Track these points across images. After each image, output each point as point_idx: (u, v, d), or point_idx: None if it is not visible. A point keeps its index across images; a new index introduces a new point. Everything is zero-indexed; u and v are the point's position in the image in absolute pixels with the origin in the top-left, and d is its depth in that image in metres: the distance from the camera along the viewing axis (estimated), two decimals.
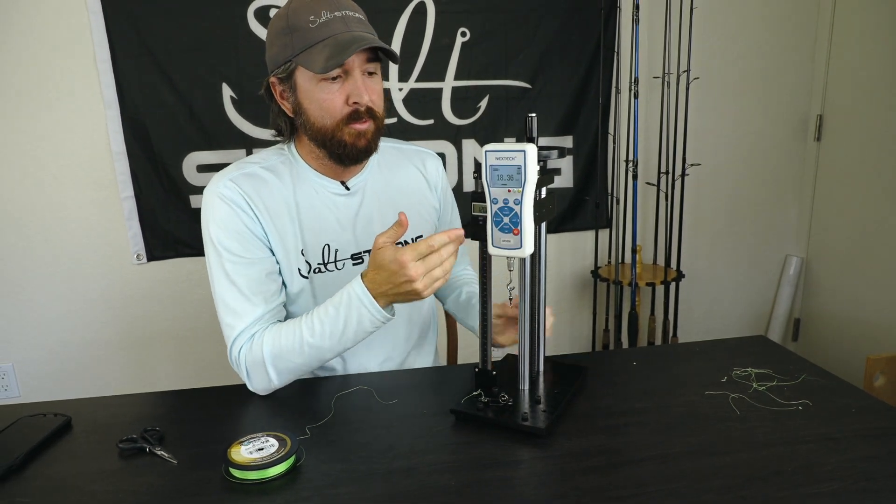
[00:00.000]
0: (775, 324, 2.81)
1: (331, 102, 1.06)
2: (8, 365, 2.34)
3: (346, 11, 1.04)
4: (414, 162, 1.29)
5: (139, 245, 2.30)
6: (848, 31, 2.45)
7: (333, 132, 1.08)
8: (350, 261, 1.18)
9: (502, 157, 0.87)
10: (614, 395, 1.05)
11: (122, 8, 2.08)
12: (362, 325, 1.00)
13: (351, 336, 1.02)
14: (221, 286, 1.10)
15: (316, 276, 1.16)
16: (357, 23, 1.05)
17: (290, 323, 1.07)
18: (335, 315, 1.01)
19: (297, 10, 1.03)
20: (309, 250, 1.15)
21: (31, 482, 0.86)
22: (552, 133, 2.47)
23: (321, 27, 1.02)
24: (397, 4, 2.25)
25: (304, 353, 1.04)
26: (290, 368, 1.06)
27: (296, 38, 1.03)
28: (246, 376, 1.08)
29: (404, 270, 0.92)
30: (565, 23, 2.38)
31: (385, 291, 0.97)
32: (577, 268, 2.67)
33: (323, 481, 0.83)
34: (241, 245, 1.10)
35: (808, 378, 1.08)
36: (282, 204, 1.13)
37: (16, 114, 2.13)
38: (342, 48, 1.00)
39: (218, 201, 1.10)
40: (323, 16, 1.02)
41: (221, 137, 2.25)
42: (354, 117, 1.08)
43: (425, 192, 1.29)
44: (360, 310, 0.99)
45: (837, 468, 0.82)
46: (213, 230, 1.10)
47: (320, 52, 1.01)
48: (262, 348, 1.05)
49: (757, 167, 2.68)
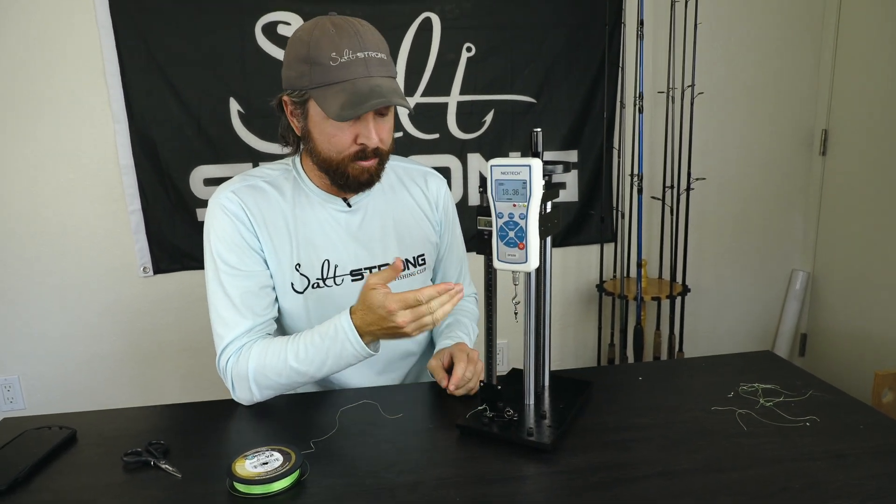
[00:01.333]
0: (782, 339, 2.80)
1: (339, 139, 1.07)
2: (14, 377, 2.35)
3: (369, 52, 1.03)
4: (416, 181, 1.30)
5: (146, 258, 2.31)
6: (853, 46, 2.46)
7: (339, 165, 1.09)
8: (349, 277, 1.19)
9: (508, 172, 0.87)
10: (620, 411, 1.05)
11: (131, 23, 2.11)
12: (345, 357, 1.02)
13: (331, 366, 1.04)
14: (215, 296, 1.11)
15: (313, 292, 1.17)
16: (378, 65, 1.04)
17: (277, 342, 1.08)
18: (320, 344, 1.02)
19: (319, 42, 1.01)
20: (306, 266, 1.16)
21: (35, 495, 0.86)
22: (557, 147, 2.48)
23: (341, 67, 1.01)
24: (403, 20, 2.27)
25: (286, 375, 1.06)
26: (270, 385, 1.08)
27: (315, 72, 1.02)
28: (231, 387, 1.10)
29: (392, 317, 0.93)
30: (570, 38, 2.39)
31: (372, 331, 0.98)
32: (582, 282, 2.66)
33: (327, 496, 0.83)
34: (238, 257, 1.11)
35: (816, 394, 1.08)
36: (280, 218, 1.14)
37: (26, 126, 2.15)
38: (358, 100, 1.00)
39: (219, 212, 1.11)
40: (345, 55, 1.01)
41: (228, 151, 2.27)
42: (361, 156, 1.08)
43: (427, 210, 1.29)
44: (344, 343, 1.00)
45: (846, 486, 0.81)
46: (212, 241, 1.11)
47: (336, 97, 1.01)
48: (247, 363, 1.07)
49: (762, 182, 2.68)
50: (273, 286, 1.16)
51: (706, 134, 2.52)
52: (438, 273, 1.37)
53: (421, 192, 1.29)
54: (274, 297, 1.16)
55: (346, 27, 1.02)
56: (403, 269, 1.21)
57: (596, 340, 2.65)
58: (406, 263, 1.23)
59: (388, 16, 2.25)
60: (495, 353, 1.01)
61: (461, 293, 0.95)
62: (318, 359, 1.03)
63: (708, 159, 2.56)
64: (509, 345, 2.63)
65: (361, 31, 1.03)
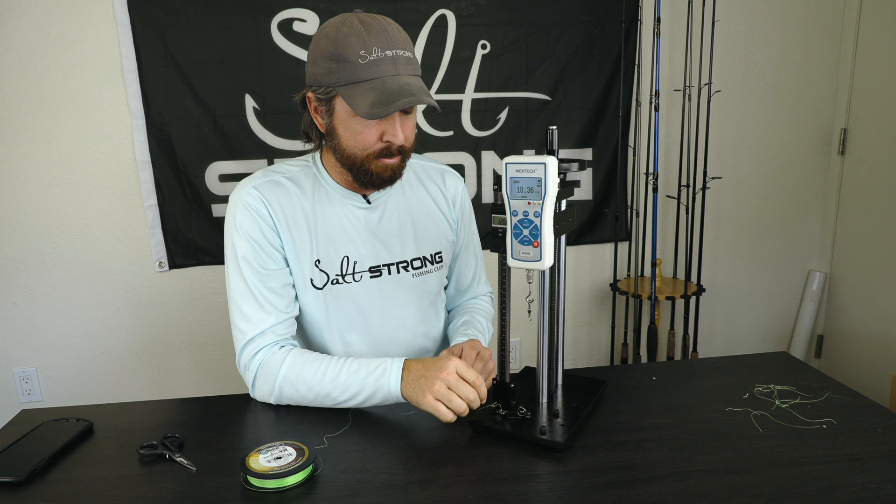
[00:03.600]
0: (798, 340, 2.77)
1: (365, 136, 1.07)
2: (31, 369, 2.38)
3: (397, 51, 1.03)
4: (434, 178, 1.30)
5: (161, 253, 2.33)
6: (873, 44, 2.42)
7: (363, 162, 1.09)
8: (368, 273, 1.19)
9: (523, 170, 0.87)
10: (633, 411, 1.04)
11: (149, 20, 2.13)
12: (375, 397, 1.02)
13: (362, 399, 1.03)
14: (237, 292, 1.12)
15: (332, 288, 1.17)
16: (406, 64, 1.04)
17: (317, 357, 1.07)
18: (364, 378, 1.02)
19: (347, 39, 1.01)
20: (325, 262, 1.16)
21: (53, 486, 0.87)
22: (572, 145, 2.47)
23: (370, 65, 1.01)
24: (419, 17, 2.27)
25: (315, 391, 1.05)
26: (294, 396, 1.07)
27: (343, 69, 1.02)
28: (252, 382, 1.10)
29: (444, 365, 0.96)
30: (586, 36, 2.38)
31: (414, 378, 0.99)
32: (596, 281, 2.65)
33: (340, 491, 0.83)
34: (260, 254, 1.11)
35: (833, 396, 1.06)
36: (300, 214, 1.15)
37: (44, 123, 2.18)
38: (388, 98, 1.00)
39: (241, 208, 1.12)
40: (374, 53, 1.00)
41: (244, 147, 2.28)
42: (385, 153, 1.08)
43: (444, 208, 1.29)
44: (381, 379, 1.01)
45: (863, 490, 0.80)
46: (234, 237, 1.12)
47: (365, 94, 1.01)
48: (280, 366, 1.06)
49: (779, 181, 2.65)
50: (293, 283, 1.16)
51: (723, 132, 2.50)
52: (454, 271, 1.37)
53: (439, 190, 1.29)
54: (295, 295, 1.16)
55: (374, 25, 1.02)
56: (420, 266, 1.23)
57: (609, 339, 2.64)
58: (423, 261, 1.23)
59: (403, 13, 2.25)
60: (508, 351, 1.01)
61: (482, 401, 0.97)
62: (352, 388, 1.03)
63: (724, 158, 2.53)
64: (522, 343, 2.63)
65: (389, 30, 1.03)
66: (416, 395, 0.97)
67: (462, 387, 0.95)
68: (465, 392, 0.95)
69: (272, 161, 2.30)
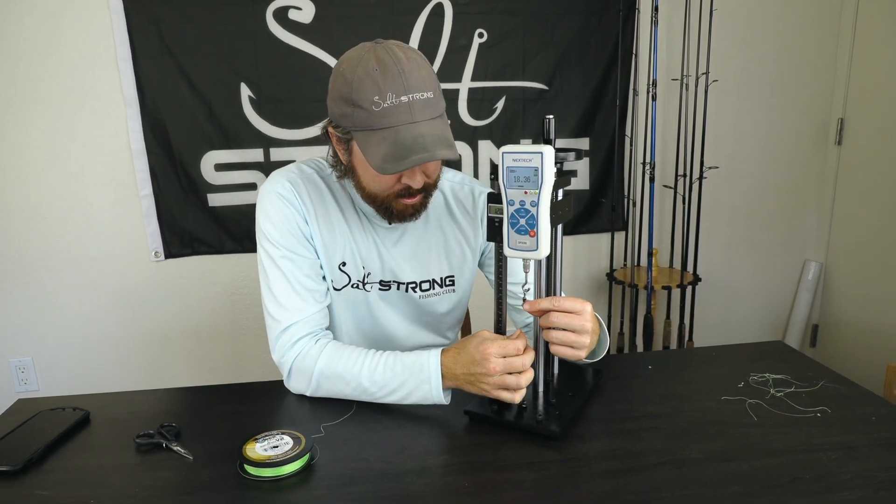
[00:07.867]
0: (793, 329, 2.78)
1: (383, 180, 1.04)
2: (28, 359, 2.38)
3: (413, 95, 0.97)
4: (465, 203, 1.24)
5: (157, 242, 2.33)
6: (871, 34, 2.42)
7: (383, 201, 1.07)
8: (378, 285, 1.18)
9: (519, 159, 0.86)
10: (629, 399, 1.05)
11: (143, 8, 2.11)
12: (415, 395, 1.00)
13: (400, 397, 1.02)
14: (272, 280, 1.10)
15: (351, 292, 1.17)
16: (423, 108, 0.98)
17: (354, 351, 1.06)
18: (400, 374, 1.01)
19: (362, 84, 0.96)
20: (350, 265, 1.16)
21: (49, 475, 0.87)
22: (569, 135, 2.46)
23: (384, 113, 0.96)
24: (415, 5, 2.25)
25: (353, 387, 1.03)
26: (331, 389, 1.06)
27: (357, 115, 0.98)
28: (287, 375, 1.09)
29: (485, 362, 0.93)
30: (583, 25, 2.37)
31: (457, 374, 0.97)
32: (593, 270, 2.65)
33: (337, 480, 0.84)
34: (295, 243, 1.11)
35: (827, 385, 1.07)
36: (333, 214, 1.14)
37: (37, 112, 2.17)
38: (401, 153, 0.95)
39: (276, 199, 1.10)
40: (388, 99, 0.95)
41: (239, 137, 2.27)
42: (405, 194, 1.06)
43: (470, 237, 1.24)
44: (421, 383, 0.99)
45: (857, 477, 0.81)
46: (267, 227, 1.10)
47: (378, 145, 0.97)
48: (316, 360, 1.05)
49: (776, 171, 2.65)
50: (325, 276, 1.16)
51: (720, 122, 2.49)
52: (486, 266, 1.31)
53: (468, 219, 1.24)
54: (326, 287, 1.15)
55: (391, 65, 0.96)
56: (429, 288, 1.21)
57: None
58: (432, 283, 1.21)
59: (399, 1, 2.23)
60: None
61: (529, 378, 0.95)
62: (390, 385, 1.01)
63: (721, 148, 2.53)
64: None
65: (407, 70, 0.97)
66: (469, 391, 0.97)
67: (508, 379, 0.93)
68: (512, 383, 0.93)
69: (269, 150, 2.29)
